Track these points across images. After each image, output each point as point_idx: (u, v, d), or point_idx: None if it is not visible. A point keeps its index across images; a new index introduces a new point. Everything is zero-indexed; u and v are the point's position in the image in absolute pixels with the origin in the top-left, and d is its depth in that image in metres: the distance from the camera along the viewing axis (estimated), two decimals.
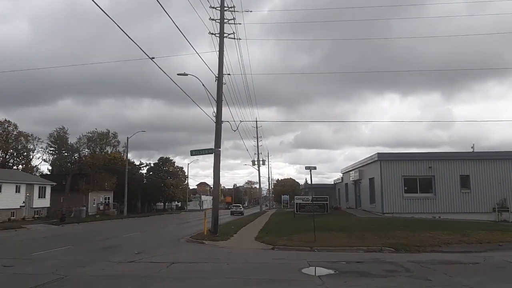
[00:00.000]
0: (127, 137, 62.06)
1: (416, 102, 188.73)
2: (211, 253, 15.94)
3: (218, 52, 21.59)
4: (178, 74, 21.23)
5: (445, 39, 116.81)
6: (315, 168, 19.23)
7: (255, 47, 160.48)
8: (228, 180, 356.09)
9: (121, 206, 63.27)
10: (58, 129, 67.04)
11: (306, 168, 18.93)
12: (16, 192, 43.95)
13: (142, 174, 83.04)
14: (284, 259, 13.84)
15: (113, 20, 12.65)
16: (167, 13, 13.73)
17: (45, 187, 49.67)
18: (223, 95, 22.16)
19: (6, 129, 61.91)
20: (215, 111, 21.25)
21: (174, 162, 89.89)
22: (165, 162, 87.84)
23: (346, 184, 48.97)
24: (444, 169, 33.32)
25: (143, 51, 15.79)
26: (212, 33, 21.66)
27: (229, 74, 22.33)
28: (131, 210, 74.14)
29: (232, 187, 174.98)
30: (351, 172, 44.68)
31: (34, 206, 46.97)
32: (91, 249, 17.43)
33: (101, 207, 63.66)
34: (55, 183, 51.98)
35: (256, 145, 67.07)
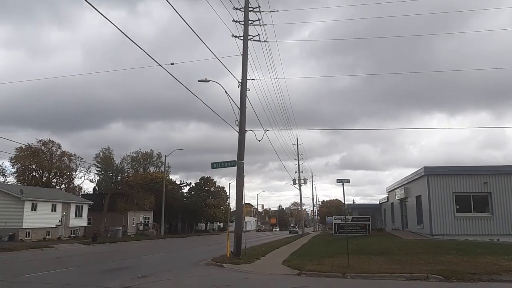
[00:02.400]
0: (165, 155, 61.64)
1: (465, 121, 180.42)
2: (224, 278, 13.81)
3: (242, 56, 19.81)
4: (199, 81, 19.68)
5: (491, 56, 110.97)
6: (348, 181, 16.85)
7: (295, 69, 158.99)
8: (274, 201, 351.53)
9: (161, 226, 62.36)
10: (104, 149, 67.41)
11: (338, 181, 16.62)
12: (52, 210, 43.65)
13: (183, 193, 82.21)
14: None
15: (124, 33, 11.17)
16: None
17: (82, 206, 49.32)
18: (248, 103, 20.32)
19: (50, 149, 63.06)
20: (238, 119, 19.34)
21: (216, 182, 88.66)
22: (206, 181, 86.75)
23: (392, 203, 45.41)
24: (502, 184, 29.49)
25: (149, 55, 14.21)
26: (236, 36, 19.98)
27: (253, 79, 20.47)
28: (172, 231, 73.31)
29: (277, 208, 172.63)
30: (396, 190, 41.24)
31: (70, 225, 46.56)
32: (95, 271, 15.75)
33: (141, 227, 62.98)
34: (92, 202, 51.62)
35: (297, 163, 64.43)
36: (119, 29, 12.19)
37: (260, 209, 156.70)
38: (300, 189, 66.07)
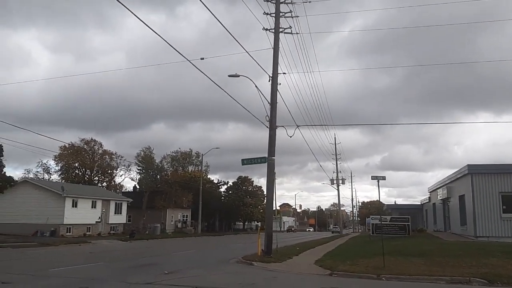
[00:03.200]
0: (202, 154, 62.05)
1: None
2: (250, 277, 13.37)
3: (273, 49, 19.32)
4: (229, 76, 19.34)
5: None
6: (383, 178, 16.22)
7: (334, 69, 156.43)
8: (314, 202, 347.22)
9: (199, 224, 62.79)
10: (144, 149, 68.54)
11: (373, 178, 15.91)
12: (92, 207, 44.57)
13: (221, 192, 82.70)
14: None
15: (158, 34, 11.03)
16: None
17: (121, 203, 50.17)
18: (281, 99, 19.82)
19: (92, 147, 64.76)
20: (269, 115, 18.84)
21: (253, 181, 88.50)
22: (244, 181, 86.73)
23: (434, 204, 43.59)
24: None
25: (179, 52, 13.98)
26: (267, 29, 19.51)
27: (284, 73, 19.92)
28: (210, 229, 73.81)
29: (316, 209, 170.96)
30: (438, 190, 39.49)
31: (110, 222, 47.44)
32: (122, 266, 15.67)
33: (179, 225, 63.60)
34: (131, 200, 52.49)
35: (335, 163, 63.07)
36: (156, 33, 12.13)
37: (298, 209, 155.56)
38: (338, 189, 64.72)
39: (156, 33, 12.53)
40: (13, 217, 39.87)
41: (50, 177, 61.83)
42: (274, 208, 20.62)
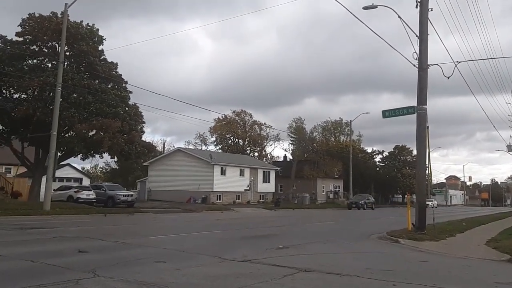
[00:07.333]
0: (350, 120, 58.37)
1: None
2: (390, 259, 9.84)
3: None
4: (364, 8, 15.50)
5: None
6: None
7: (500, 30, 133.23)
8: (485, 176, 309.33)
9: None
10: (296, 119, 67.72)
11: None
12: (240, 175, 44.53)
13: (375, 163, 77.57)
14: None
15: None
16: None
17: (269, 172, 49.44)
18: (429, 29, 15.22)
19: (243, 118, 65.97)
20: (417, 51, 14.43)
21: (412, 151, 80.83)
22: (401, 150, 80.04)
23: None
24: None
25: None
26: None
27: None
28: None
29: (490, 182, 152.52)
30: None
31: (258, 190, 47.02)
32: (233, 237, 13.48)
33: (331, 196, 61.21)
34: (278, 168, 51.71)
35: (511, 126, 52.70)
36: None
37: (468, 182, 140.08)
38: None
39: None
40: (171, 185, 41.79)
41: (207, 148, 64.74)
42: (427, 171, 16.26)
